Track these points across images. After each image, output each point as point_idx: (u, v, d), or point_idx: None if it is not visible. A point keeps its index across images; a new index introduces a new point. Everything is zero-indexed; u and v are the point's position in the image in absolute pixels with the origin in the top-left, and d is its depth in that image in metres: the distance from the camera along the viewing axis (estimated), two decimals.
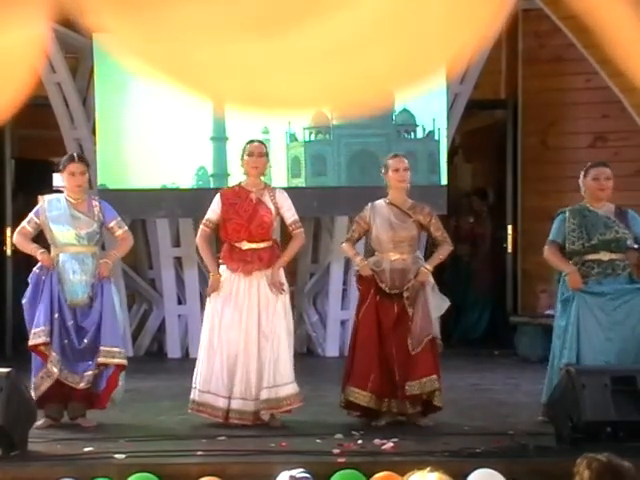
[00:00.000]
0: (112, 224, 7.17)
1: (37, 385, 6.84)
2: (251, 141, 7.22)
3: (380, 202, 7.21)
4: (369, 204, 7.25)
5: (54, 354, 6.80)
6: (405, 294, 6.94)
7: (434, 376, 6.86)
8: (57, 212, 7.06)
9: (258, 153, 7.10)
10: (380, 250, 7.13)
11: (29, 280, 7.07)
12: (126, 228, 7.31)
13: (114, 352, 6.94)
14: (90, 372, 6.88)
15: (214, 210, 7.16)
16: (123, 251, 7.42)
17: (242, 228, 7.05)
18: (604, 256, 6.93)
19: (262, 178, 7.26)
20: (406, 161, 7.17)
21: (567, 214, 7.09)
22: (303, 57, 1.48)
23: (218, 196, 7.18)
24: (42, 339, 6.82)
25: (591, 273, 6.92)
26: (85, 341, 6.92)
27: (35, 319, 6.89)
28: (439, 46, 1.50)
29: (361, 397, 6.90)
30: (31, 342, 6.86)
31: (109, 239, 8.02)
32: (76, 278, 6.97)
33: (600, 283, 6.89)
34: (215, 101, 1.64)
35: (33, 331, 6.87)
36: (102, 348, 6.89)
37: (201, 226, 7.22)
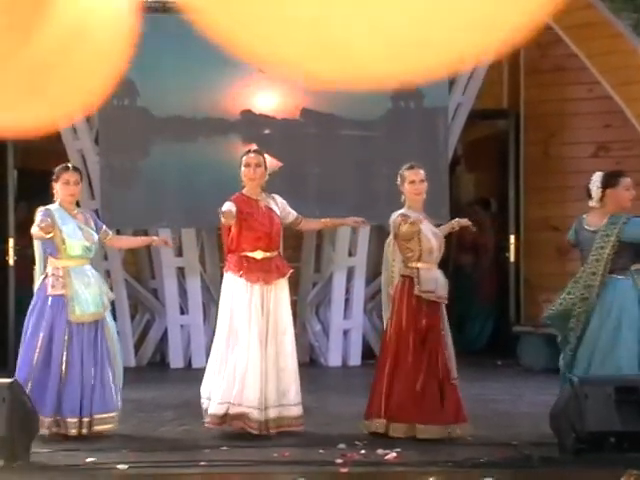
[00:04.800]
0: (102, 232, 7.18)
1: (46, 426, 6.72)
2: (248, 152, 7.20)
3: (409, 211, 6.99)
4: (402, 212, 6.97)
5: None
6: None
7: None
8: (68, 224, 6.94)
9: (255, 164, 7.09)
10: (427, 260, 6.92)
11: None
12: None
13: (108, 418, 6.83)
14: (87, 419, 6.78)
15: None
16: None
17: (265, 237, 7.00)
18: None
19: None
20: (422, 172, 7.05)
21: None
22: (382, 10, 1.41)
23: (232, 204, 6.95)
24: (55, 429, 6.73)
25: None
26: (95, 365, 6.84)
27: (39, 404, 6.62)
28: (502, 15, 1.44)
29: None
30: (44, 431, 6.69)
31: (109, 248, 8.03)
32: (86, 291, 6.89)
33: None
34: (292, 65, 1.54)
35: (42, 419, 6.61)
36: (96, 416, 6.76)
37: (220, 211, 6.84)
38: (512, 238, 11.37)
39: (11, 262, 10.78)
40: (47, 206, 7.01)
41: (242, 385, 6.83)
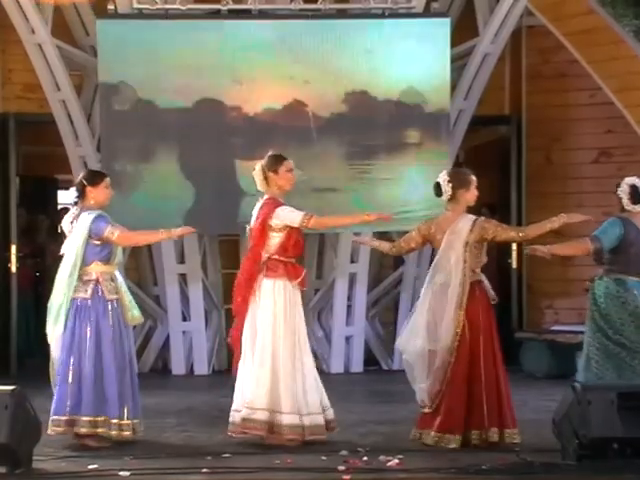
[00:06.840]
0: None
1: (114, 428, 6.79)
2: (282, 157, 6.99)
3: None
4: (476, 217, 7.10)
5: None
6: None
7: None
8: None
9: (292, 171, 7.01)
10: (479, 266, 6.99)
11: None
12: None
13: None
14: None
15: None
16: None
17: (303, 242, 7.06)
18: None
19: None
20: None
21: None
22: None
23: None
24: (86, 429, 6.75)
25: None
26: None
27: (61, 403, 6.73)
28: None
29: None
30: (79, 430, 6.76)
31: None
32: (128, 292, 6.94)
33: None
34: None
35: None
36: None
37: (307, 216, 6.82)
38: (514, 244, 11.37)
39: (14, 269, 10.79)
40: (97, 212, 6.81)
41: (318, 390, 6.92)
